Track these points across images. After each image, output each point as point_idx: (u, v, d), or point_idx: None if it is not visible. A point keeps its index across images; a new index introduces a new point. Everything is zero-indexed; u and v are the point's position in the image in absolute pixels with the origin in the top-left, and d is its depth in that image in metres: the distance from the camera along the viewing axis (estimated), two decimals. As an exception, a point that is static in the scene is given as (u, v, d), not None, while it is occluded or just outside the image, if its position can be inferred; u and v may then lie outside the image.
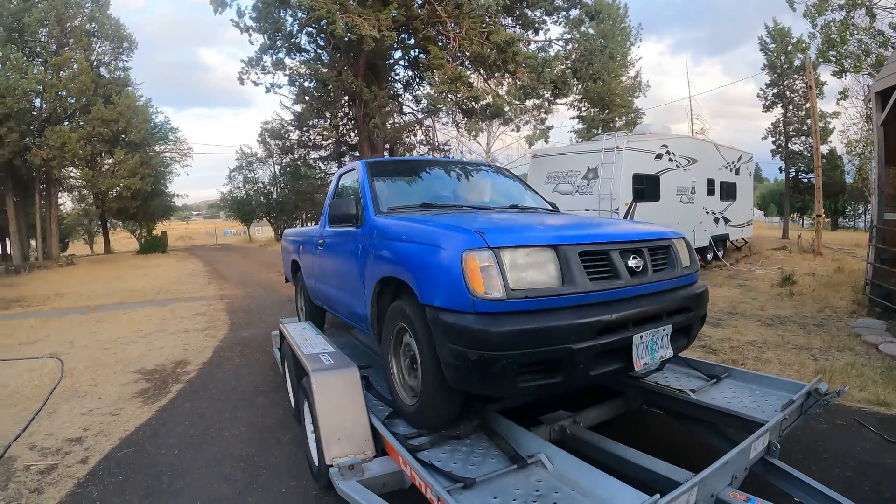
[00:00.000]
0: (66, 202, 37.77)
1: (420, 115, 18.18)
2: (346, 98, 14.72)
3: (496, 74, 13.19)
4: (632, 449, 2.77)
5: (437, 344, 2.60)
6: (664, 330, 2.82)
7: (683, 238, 3.35)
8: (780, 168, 28.22)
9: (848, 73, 15.00)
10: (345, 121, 17.81)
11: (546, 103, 14.23)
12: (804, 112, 27.06)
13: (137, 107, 24.70)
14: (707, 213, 15.05)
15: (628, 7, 29.31)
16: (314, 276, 5.35)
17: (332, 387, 3.02)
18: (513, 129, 14.83)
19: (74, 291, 13.24)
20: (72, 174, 24.63)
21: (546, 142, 14.97)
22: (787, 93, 27.15)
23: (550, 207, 4.69)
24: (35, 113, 20.50)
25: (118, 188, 23.58)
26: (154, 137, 29.67)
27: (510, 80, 13.04)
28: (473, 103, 13.03)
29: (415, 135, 19.65)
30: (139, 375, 5.83)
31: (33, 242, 26.67)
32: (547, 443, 2.69)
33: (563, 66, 13.77)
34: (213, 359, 6.48)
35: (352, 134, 19.66)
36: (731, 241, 17.38)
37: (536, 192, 5.09)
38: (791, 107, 27.18)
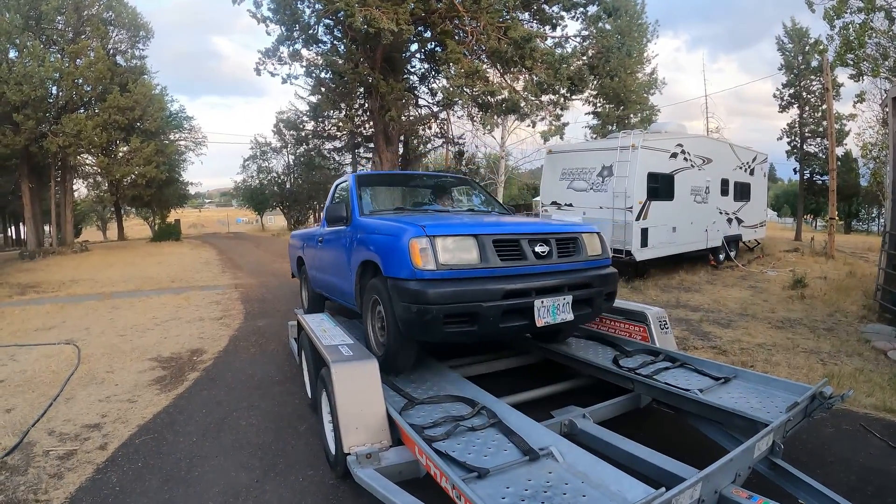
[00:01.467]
0: (81, 188, 38.34)
1: (435, 109, 18.19)
2: (362, 90, 14.74)
3: (513, 70, 13.14)
4: (640, 445, 2.89)
5: (393, 303, 3.53)
6: (565, 299, 3.69)
7: (596, 233, 4.26)
8: (794, 169, 27.88)
9: (865, 77, 14.86)
10: (360, 112, 17.79)
11: (562, 99, 14.19)
12: (820, 113, 26.79)
13: (153, 95, 24.88)
14: (720, 213, 14.97)
15: (646, 3, 29.08)
16: (315, 267, 6.40)
17: (351, 378, 3.13)
18: (528, 125, 14.74)
19: (89, 278, 13.50)
20: (87, 161, 24.91)
21: (561, 137, 14.88)
22: (804, 94, 26.87)
23: (504, 210, 5.73)
24: (51, 101, 20.78)
25: (133, 176, 23.81)
26: (169, 126, 29.86)
27: (527, 75, 12.99)
28: (489, 97, 13.01)
29: (429, 128, 19.66)
30: (155, 363, 5.99)
31: (47, 228, 27.10)
32: (558, 436, 2.85)
33: (579, 63, 13.70)
34: (229, 347, 6.64)
35: (366, 125, 19.70)
36: (744, 242, 17.30)
37: (494, 198, 6.18)
38: (807, 108, 26.90)
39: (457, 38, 12.59)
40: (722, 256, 15.17)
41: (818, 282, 11.15)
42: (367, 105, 15.03)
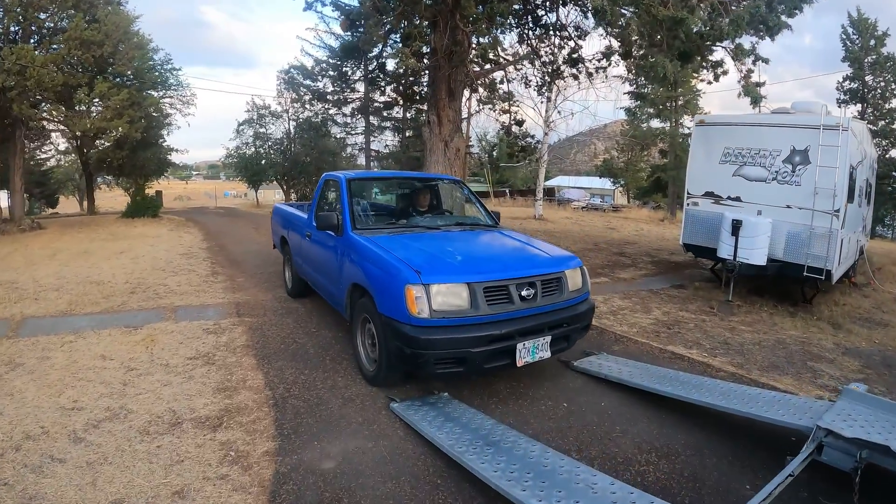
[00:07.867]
0: (53, 152, 31.76)
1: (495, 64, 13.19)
2: (427, 23, 9.49)
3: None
4: None
5: (386, 339, 3.77)
6: (544, 339, 3.89)
7: (579, 267, 4.41)
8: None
9: None
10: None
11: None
12: (880, 112, 22.89)
13: (130, 30, 17.64)
14: (863, 218, 10.87)
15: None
16: (301, 256, 6.32)
17: None
18: (707, 80, 10.16)
19: (9, 279, 8.02)
20: (44, 114, 18.07)
21: (757, 106, 9.90)
22: (864, 90, 22.78)
23: (491, 223, 5.62)
24: (-5, 29, 14.58)
25: (103, 132, 17.23)
26: (151, 76, 22.45)
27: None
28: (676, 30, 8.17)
29: (477, 86, 14.54)
30: None
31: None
32: None
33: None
34: None
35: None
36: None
37: (481, 203, 5.96)
38: (868, 105, 22.86)
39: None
40: (850, 273, 11.14)
41: None
42: (432, 43, 9.76)
